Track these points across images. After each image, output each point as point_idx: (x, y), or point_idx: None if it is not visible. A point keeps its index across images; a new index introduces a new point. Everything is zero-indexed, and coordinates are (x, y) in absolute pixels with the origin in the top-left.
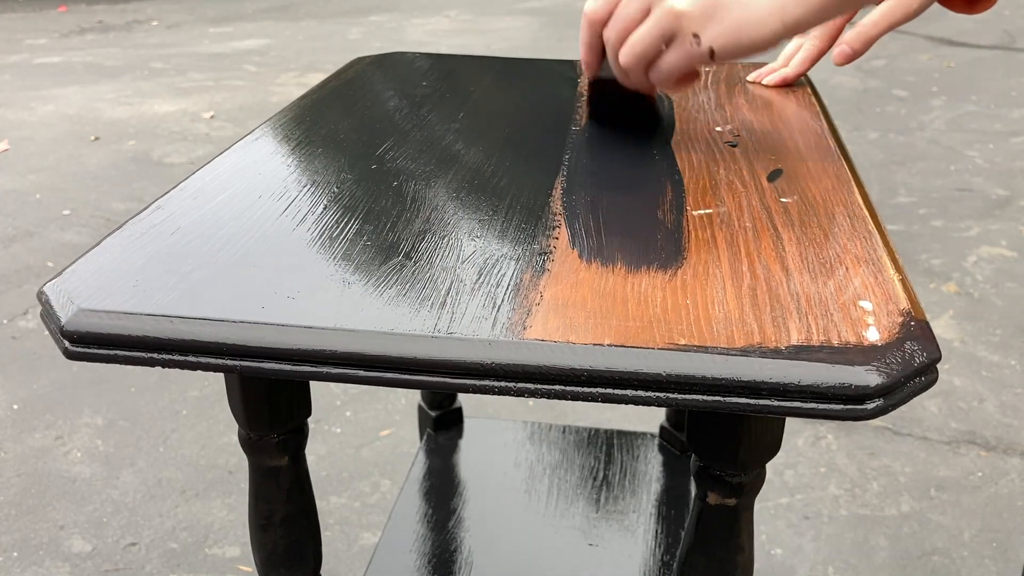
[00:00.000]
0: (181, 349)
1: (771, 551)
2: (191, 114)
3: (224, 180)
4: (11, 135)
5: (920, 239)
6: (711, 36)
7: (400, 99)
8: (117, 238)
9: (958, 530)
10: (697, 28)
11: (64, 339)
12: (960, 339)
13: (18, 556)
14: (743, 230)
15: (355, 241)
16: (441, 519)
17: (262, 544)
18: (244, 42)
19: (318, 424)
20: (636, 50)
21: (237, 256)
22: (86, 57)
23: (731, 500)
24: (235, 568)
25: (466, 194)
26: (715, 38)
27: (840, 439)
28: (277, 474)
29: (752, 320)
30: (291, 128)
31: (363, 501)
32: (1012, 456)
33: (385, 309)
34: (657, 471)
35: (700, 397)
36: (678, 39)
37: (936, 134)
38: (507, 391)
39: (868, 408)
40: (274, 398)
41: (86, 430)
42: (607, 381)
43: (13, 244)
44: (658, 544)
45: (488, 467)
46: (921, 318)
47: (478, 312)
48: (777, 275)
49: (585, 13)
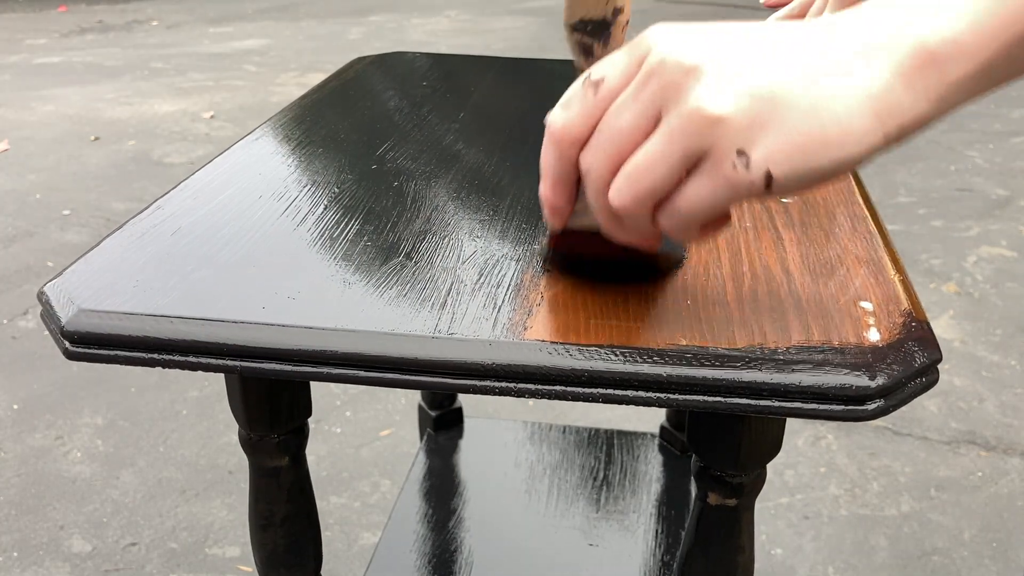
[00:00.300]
0: (181, 349)
1: (771, 551)
2: (191, 114)
3: (224, 180)
4: (11, 135)
5: (920, 239)
6: (767, 152)
7: (400, 99)
8: (117, 238)
9: (958, 530)
10: (744, 142)
11: (64, 339)
12: (960, 339)
13: (18, 556)
14: (744, 230)
15: (355, 241)
16: (441, 519)
17: (262, 544)
18: (244, 42)
19: (318, 424)
20: (641, 182)
21: (237, 256)
22: (86, 57)
23: (731, 500)
24: (235, 568)
25: (466, 194)
26: (773, 155)
27: (840, 439)
28: (277, 474)
29: (753, 321)
30: (291, 128)
31: (363, 501)
32: (1012, 456)
33: (386, 309)
34: (657, 471)
35: (701, 398)
36: (712, 160)
37: (936, 134)
38: (507, 391)
39: (869, 409)
40: (274, 398)
41: (86, 430)
42: (608, 382)
43: (13, 244)
44: (658, 544)
45: (488, 467)
46: (922, 319)
47: (479, 312)
48: (778, 276)
49: (549, 128)
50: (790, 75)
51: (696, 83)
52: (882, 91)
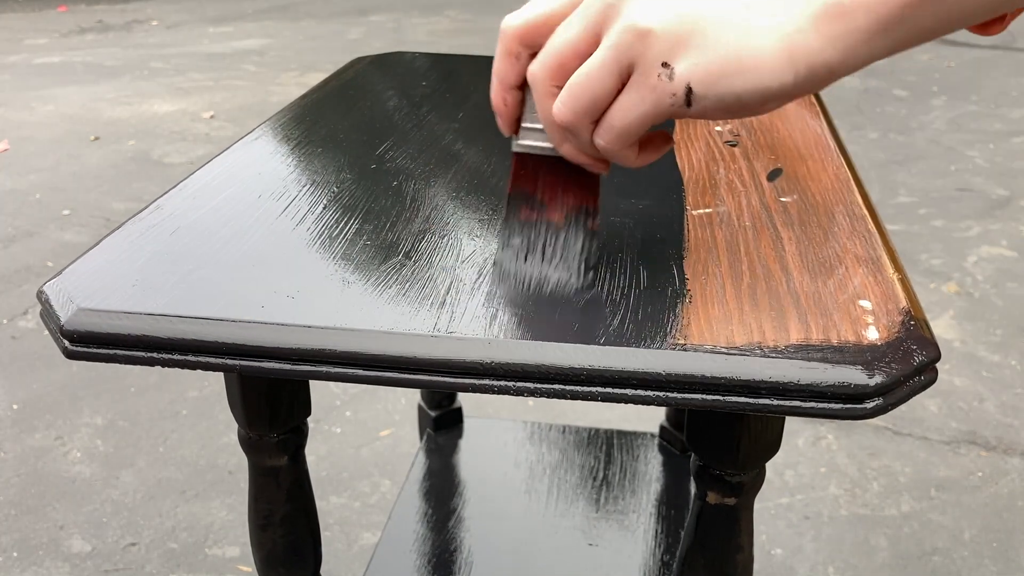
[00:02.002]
0: (181, 349)
1: (771, 551)
2: (191, 114)
3: (224, 180)
4: (11, 135)
5: (920, 239)
6: (688, 66)
7: (400, 99)
8: (117, 238)
9: (958, 530)
10: (669, 56)
11: (64, 339)
12: (960, 339)
13: (18, 556)
14: (743, 229)
15: (355, 240)
16: (441, 519)
17: (262, 544)
18: (244, 42)
19: (318, 424)
20: (582, 96)
21: (237, 256)
22: (86, 57)
23: (731, 499)
24: (235, 568)
25: (466, 194)
26: (693, 70)
27: (840, 439)
28: (277, 474)
29: (751, 319)
30: (291, 128)
31: (363, 501)
32: (1012, 456)
33: (385, 308)
34: (657, 471)
35: (699, 396)
36: (640, 71)
37: (936, 134)
38: (507, 390)
39: (867, 407)
40: (274, 398)
41: (86, 430)
42: (607, 380)
43: (13, 244)
44: (658, 544)
45: (488, 467)
46: (920, 317)
47: (478, 311)
48: (777, 274)
49: (503, 29)
50: (718, 5)
51: (632, 3)
52: (795, 32)
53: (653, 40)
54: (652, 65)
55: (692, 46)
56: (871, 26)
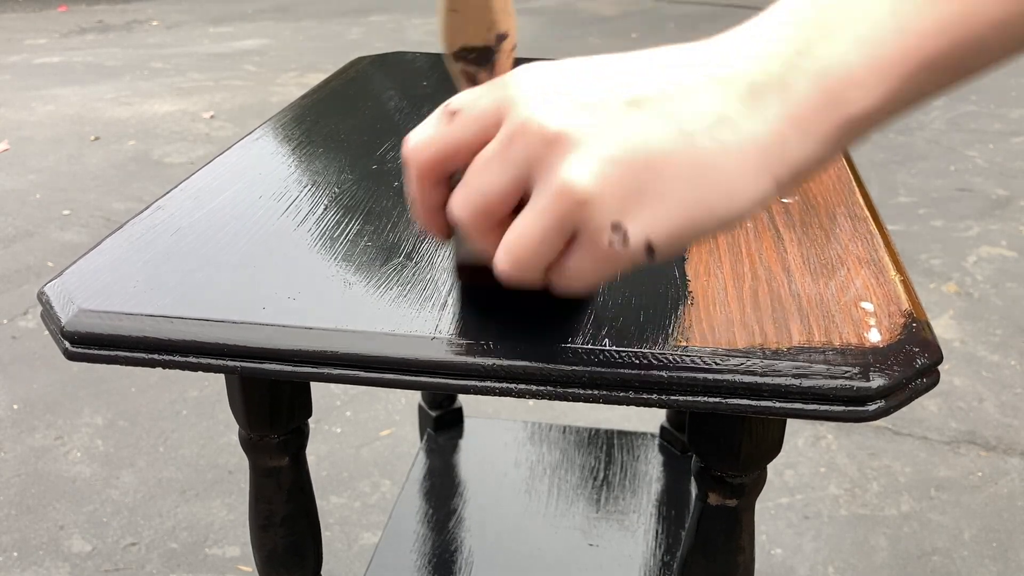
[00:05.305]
0: (181, 350)
1: (771, 551)
2: (191, 114)
3: (224, 180)
4: (11, 135)
5: (920, 239)
6: (644, 224)
7: (400, 99)
8: (117, 238)
9: (958, 530)
10: (618, 215)
11: (64, 339)
12: (960, 339)
13: (18, 556)
14: (744, 231)
15: (356, 241)
16: (441, 519)
17: (262, 544)
18: (244, 42)
19: (318, 424)
20: (523, 257)
21: (237, 257)
22: (86, 57)
23: (732, 501)
24: (235, 568)
25: None
26: (651, 226)
27: (840, 439)
28: (277, 474)
29: (753, 321)
30: (291, 128)
31: (363, 501)
32: (1012, 456)
33: (386, 310)
34: (657, 471)
35: (701, 399)
36: (587, 236)
37: (936, 134)
38: (508, 392)
39: (869, 410)
40: (274, 399)
41: (86, 430)
42: (608, 383)
43: (13, 244)
44: (658, 544)
45: (488, 467)
46: (923, 320)
47: (479, 313)
48: (778, 276)
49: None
50: (666, 133)
51: (561, 157)
52: (772, 142)
53: (596, 206)
54: (600, 229)
55: (647, 198)
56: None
